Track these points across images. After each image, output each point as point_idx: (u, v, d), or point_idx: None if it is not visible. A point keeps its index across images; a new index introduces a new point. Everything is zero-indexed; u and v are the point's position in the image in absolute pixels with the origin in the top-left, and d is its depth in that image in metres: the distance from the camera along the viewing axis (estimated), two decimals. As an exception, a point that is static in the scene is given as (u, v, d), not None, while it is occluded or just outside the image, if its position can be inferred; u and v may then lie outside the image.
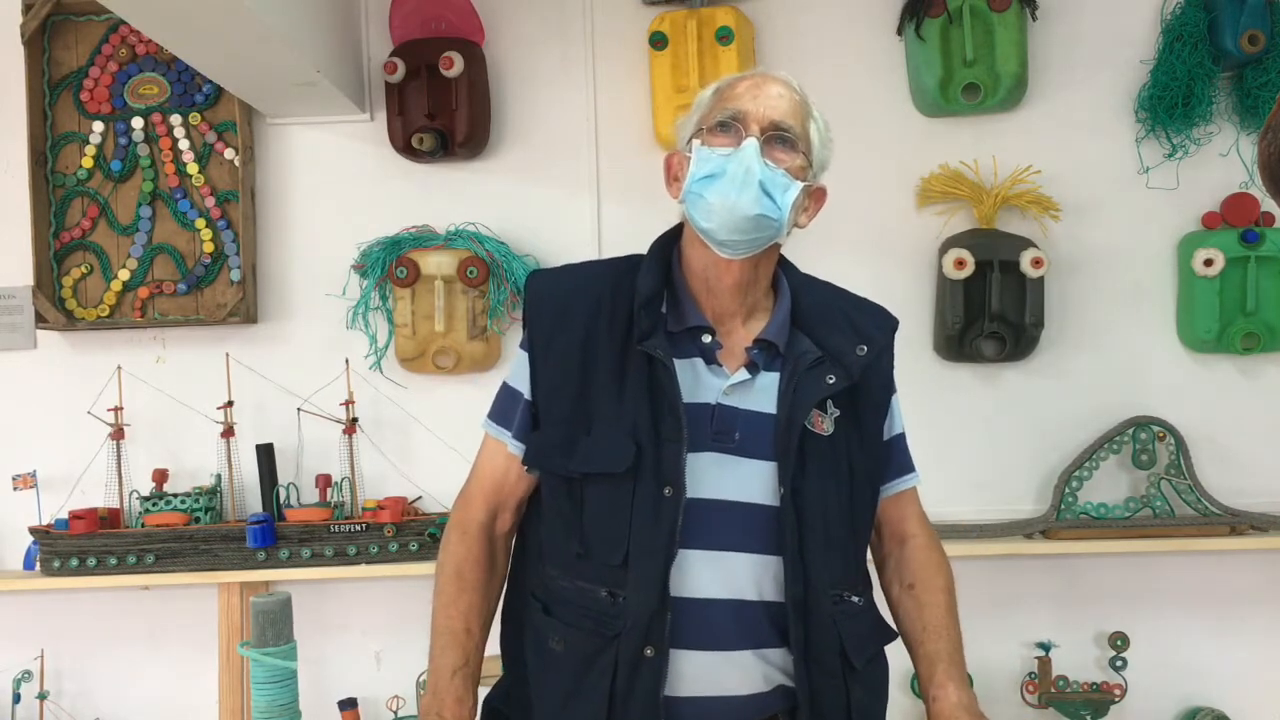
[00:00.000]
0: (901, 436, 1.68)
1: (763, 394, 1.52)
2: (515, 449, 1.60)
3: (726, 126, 1.48)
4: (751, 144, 1.46)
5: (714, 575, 1.47)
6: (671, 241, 1.61)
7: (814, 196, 1.57)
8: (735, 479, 1.49)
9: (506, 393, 1.62)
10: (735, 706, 1.49)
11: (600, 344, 1.52)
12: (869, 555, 1.68)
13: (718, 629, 1.46)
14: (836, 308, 1.61)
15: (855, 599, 1.56)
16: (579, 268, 1.67)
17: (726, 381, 1.52)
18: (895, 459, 1.66)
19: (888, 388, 1.63)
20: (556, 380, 1.54)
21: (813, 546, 1.48)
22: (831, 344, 1.54)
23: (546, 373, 1.55)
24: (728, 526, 1.48)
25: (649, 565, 1.44)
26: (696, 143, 1.50)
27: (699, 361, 1.52)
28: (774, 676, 1.50)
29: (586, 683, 1.47)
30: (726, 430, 1.49)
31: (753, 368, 1.53)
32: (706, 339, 1.53)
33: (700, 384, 1.51)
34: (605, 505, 1.48)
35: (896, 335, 1.66)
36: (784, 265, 1.63)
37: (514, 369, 1.62)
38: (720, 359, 1.53)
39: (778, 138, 1.48)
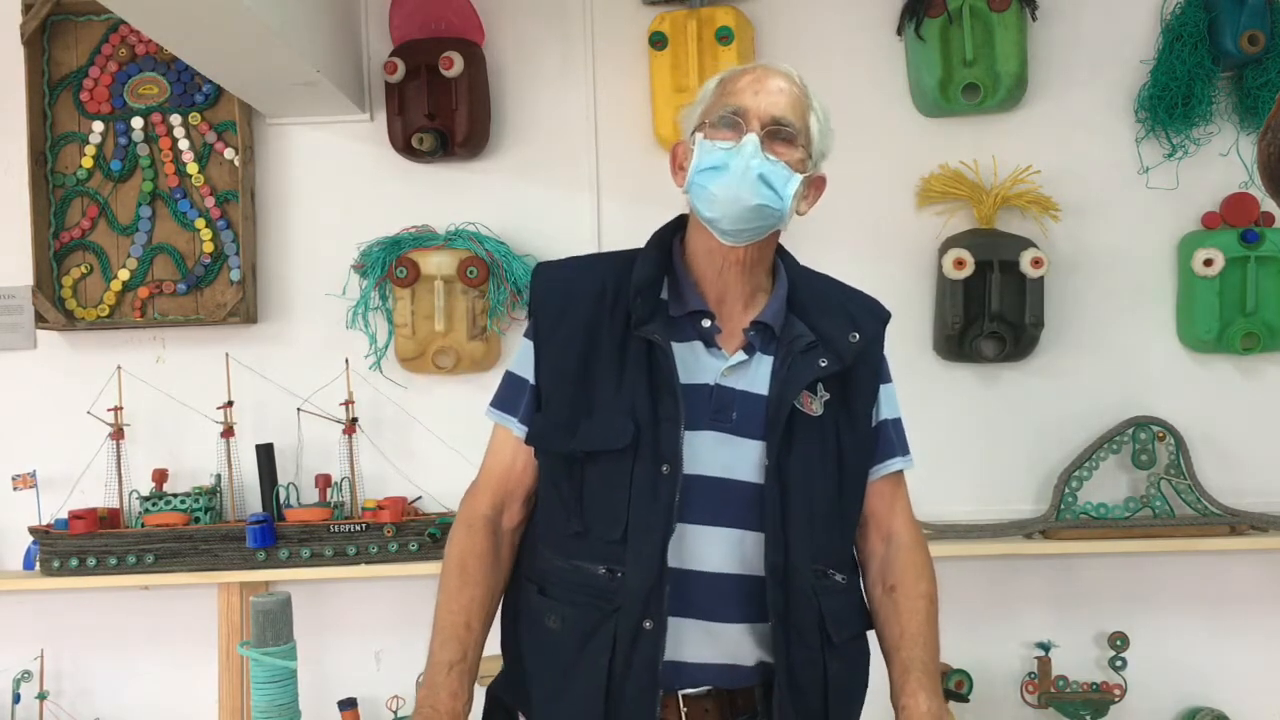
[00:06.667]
0: (890, 423, 1.69)
1: (758, 375, 1.56)
2: (519, 431, 1.62)
3: (728, 122, 1.52)
4: (752, 139, 1.49)
5: (709, 548, 1.51)
6: (671, 232, 1.65)
7: (814, 185, 1.61)
8: (730, 456, 1.53)
9: (510, 380, 1.66)
10: (721, 673, 1.53)
11: (603, 331, 1.56)
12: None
13: (711, 600, 1.51)
14: (831, 296, 1.65)
15: (839, 577, 1.59)
16: (583, 259, 1.75)
17: (725, 363, 1.56)
18: (882, 443, 1.67)
19: (877, 375, 1.66)
20: (560, 366, 1.58)
21: (796, 521, 1.52)
22: (825, 329, 1.58)
23: (550, 359, 1.59)
24: (723, 502, 1.52)
25: (647, 540, 1.49)
26: (699, 136, 1.54)
27: (699, 344, 1.57)
28: (757, 652, 1.54)
29: (585, 657, 1.50)
30: (724, 409, 1.54)
31: (750, 349, 1.57)
32: (706, 323, 1.57)
33: (700, 365, 1.55)
34: (605, 483, 1.52)
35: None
36: (783, 255, 1.67)
37: (518, 357, 1.65)
38: (719, 342, 1.57)
39: (778, 133, 1.51)
